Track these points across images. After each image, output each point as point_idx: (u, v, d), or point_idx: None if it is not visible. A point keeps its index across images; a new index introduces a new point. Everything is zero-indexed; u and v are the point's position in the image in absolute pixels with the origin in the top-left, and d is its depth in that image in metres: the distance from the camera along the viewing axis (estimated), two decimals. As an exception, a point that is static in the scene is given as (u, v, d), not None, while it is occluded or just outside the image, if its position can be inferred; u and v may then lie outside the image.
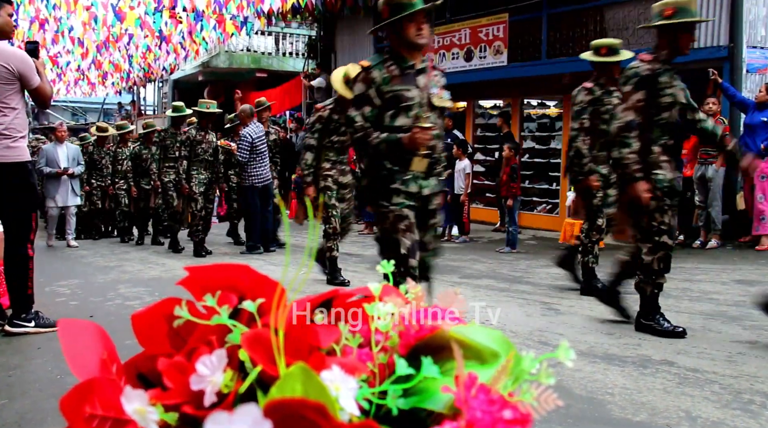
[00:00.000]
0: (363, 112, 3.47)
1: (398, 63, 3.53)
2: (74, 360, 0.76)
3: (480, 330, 0.74)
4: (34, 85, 4.20)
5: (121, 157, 10.89)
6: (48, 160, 9.76)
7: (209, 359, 0.68)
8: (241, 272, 0.79)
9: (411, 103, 3.47)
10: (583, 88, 5.61)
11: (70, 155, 9.96)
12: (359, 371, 0.69)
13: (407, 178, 3.49)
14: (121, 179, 10.89)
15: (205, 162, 8.80)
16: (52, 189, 9.78)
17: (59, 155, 9.80)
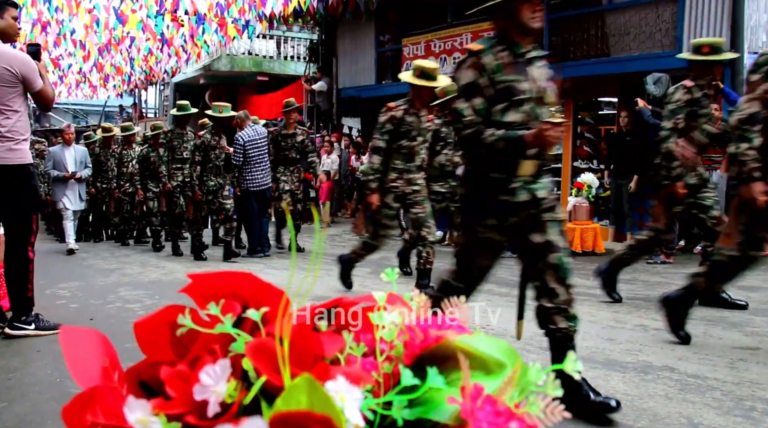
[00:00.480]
0: (473, 104, 2.97)
1: (510, 49, 3.03)
2: (76, 367, 0.75)
3: (486, 340, 0.74)
4: (37, 88, 4.21)
5: (126, 159, 10.68)
6: (55, 163, 9.54)
7: (213, 369, 0.68)
8: (245, 280, 0.79)
9: (523, 96, 2.99)
10: (683, 86, 5.34)
11: (78, 158, 9.69)
12: (364, 381, 0.68)
13: (515, 186, 3.02)
14: (126, 182, 10.70)
15: (216, 168, 8.52)
16: (59, 192, 9.56)
17: (66, 158, 9.56)
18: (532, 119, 2.98)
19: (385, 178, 5.71)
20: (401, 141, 5.68)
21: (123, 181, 10.73)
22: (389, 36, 14.78)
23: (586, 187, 9.23)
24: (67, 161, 9.54)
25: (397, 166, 5.75)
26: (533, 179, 3.06)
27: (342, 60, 15.58)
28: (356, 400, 0.64)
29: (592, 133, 11.50)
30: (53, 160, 9.57)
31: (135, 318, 3.64)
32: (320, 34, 16.81)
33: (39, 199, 4.44)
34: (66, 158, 9.54)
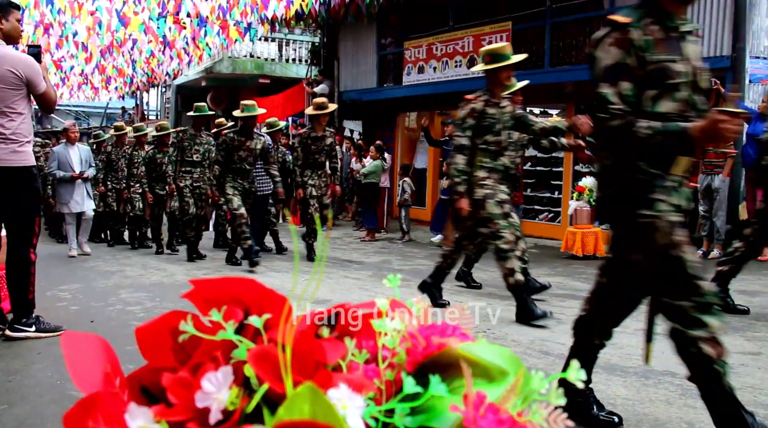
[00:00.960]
0: (620, 89, 2.46)
1: (661, 22, 2.54)
2: (77, 373, 0.75)
3: (488, 348, 0.74)
4: (41, 90, 4.21)
5: (136, 160, 10.35)
6: (60, 163, 9.06)
7: (215, 376, 0.67)
8: (247, 285, 0.79)
9: (679, 80, 2.48)
10: None
11: (83, 157, 9.25)
12: (366, 388, 0.68)
13: (670, 185, 2.52)
14: (136, 183, 10.38)
15: (241, 170, 8.02)
16: (66, 194, 9.06)
17: (72, 157, 9.09)
18: (689, 108, 2.52)
19: (472, 180, 5.06)
20: (486, 136, 5.08)
21: (133, 181, 10.42)
22: (391, 39, 14.80)
23: (587, 190, 9.23)
24: (73, 161, 9.09)
25: (485, 164, 5.12)
26: (683, 182, 2.57)
27: (343, 63, 15.60)
28: (358, 408, 0.64)
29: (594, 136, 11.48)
30: (58, 160, 9.09)
31: (136, 321, 3.66)
32: (322, 36, 16.83)
33: (41, 200, 4.45)
34: (71, 158, 9.09)
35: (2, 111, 4.07)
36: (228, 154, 7.92)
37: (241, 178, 8.07)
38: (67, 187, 9.08)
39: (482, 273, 7.62)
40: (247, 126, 8.00)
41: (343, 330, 0.80)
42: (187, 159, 8.92)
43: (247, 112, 8.03)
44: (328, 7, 12.80)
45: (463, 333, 0.77)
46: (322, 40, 16.74)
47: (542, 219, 11.90)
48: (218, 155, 7.98)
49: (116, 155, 10.67)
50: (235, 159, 7.94)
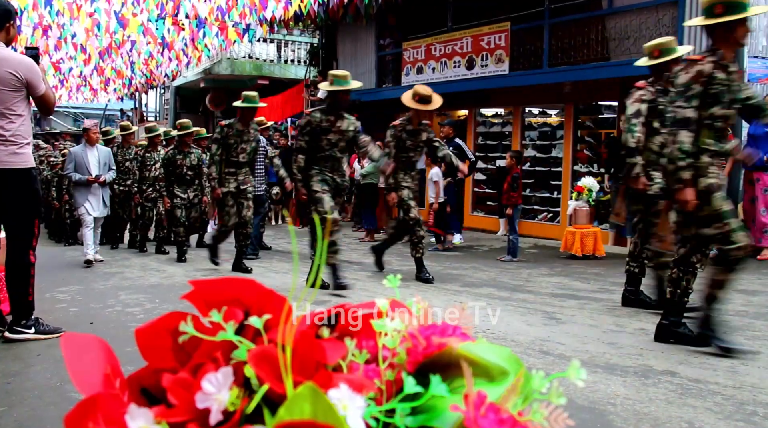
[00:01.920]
0: None
1: None
2: (78, 375, 0.75)
3: (489, 348, 0.74)
4: (40, 93, 4.22)
5: (149, 163, 9.86)
6: (77, 165, 8.52)
7: (215, 376, 0.67)
8: (247, 286, 0.79)
9: None
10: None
11: (102, 159, 8.67)
12: (367, 388, 0.68)
13: None
14: (149, 187, 9.93)
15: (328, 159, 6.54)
16: (81, 197, 8.52)
17: (89, 160, 8.54)
18: None
19: (698, 163, 4.02)
20: (713, 108, 4.02)
21: (145, 185, 9.95)
22: (390, 40, 14.80)
23: (586, 190, 9.23)
24: (90, 163, 8.56)
25: (709, 146, 4.06)
26: None
27: (342, 63, 15.60)
28: (359, 408, 0.64)
29: (593, 136, 11.51)
30: (74, 162, 8.54)
31: (135, 322, 3.65)
32: (321, 37, 16.84)
33: (41, 202, 4.44)
34: (89, 160, 8.55)
35: (2, 113, 4.07)
36: (314, 139, 6.40)
37: (331, 170, 6.51)
38: (83, 190, 8.56)
39: (481, 274, 7.62)
40: (337, 103, 6.46)
41: (343, 330, 0.80)
42: (232, 159, 7.66)
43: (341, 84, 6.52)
44: (327, 7, 12.79)
45: (464, 333, 0.77)
46: (321, 41, 16.75)
47: (541, 219, 11.91)
48: (302, 141, 6.43)
49: (122, 156, 10.21)
50: (323, 145, 6.41)
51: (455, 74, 12.56)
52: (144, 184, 9.99)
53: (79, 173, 8.50)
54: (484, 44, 12.07)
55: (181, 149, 9.19)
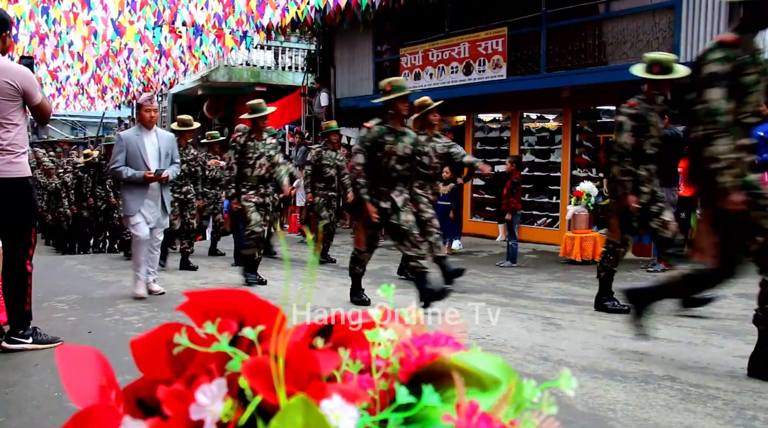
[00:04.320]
0: None
1: None
2: (73, 387, 0.75)
3: (481, 357, 0.74)
4: (37, 102, 4.22)
5: None
6: (129, 156, 6.11)
7: (209, 388, 0.67)
8: (241, 297, 0.79)
9: None
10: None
11: (163, 148, 6.26)
12: (360, 399, 0.68)
13: None
14: None
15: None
16: (134, 202, 6.17)
17: (146, 149, 6.15)
18: None
19: None
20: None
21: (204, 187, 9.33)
22: (387, 46, 14.83)
23: (585, 195, 9.24)
24: (148, 154, 6.15)
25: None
26: None
27: (340, 70, 15.63)
28: (352, 419, 0.64)
29: (591, 141, 11.53)
30: (126, 151, 6.12)
31: (133, 331, 3.65)
32: (318, 44, 16.87)
33: (38, 212, 4.43)
34: (145, 149, 6.15)
35: (-1, 122, 4.08)
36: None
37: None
38: (136, 192, 6.16)
39: (481, 280, 7.62)
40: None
41: (337, 340, 0.80)
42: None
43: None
44: (324, 14, 12.83)
45: (456, 342, 0.77)
46: (318, 48, 16.78)
47: (540, 224, 11.92)
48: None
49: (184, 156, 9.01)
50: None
51: (453, 80, 12.59)
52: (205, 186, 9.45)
53: (132, 167, 6.12)
54: (481, 50, 12.10)
55: None
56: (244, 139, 7.16)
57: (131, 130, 6.48)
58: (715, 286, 4.06)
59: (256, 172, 7.21)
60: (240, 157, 7.14)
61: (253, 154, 7.15)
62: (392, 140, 5.75)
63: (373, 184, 5.81)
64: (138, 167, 6.11)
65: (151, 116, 6.20)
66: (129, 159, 6.11)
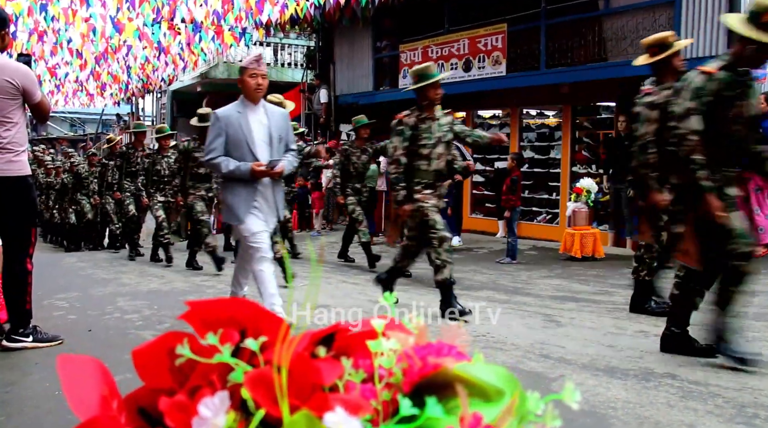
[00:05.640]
0: None
1: None
2: (74, 398, 0.74)
3: (485, 368, 0.73)
4: (36, 100, 4.21)
5: None
6: (230, 142, 4.43)
7: (211, 401, 0.67)
8: (244, 307, 0.78)
9: None
10: None
11: (275, 129, 4.56)
12: (363, 410, 0.67)
13: None
14: None
15: None
16: (242, 205, 4.47)
17: (252, 130, 4.46)
18: None
19: None
20: None
21: None
22: (386, 42, 14.81)
23: (585, 192, 9.24)
24: (255, 137, 4.46)
25: None
26: None
27: (339, 67, 15.60)
28: (355, 431, 0.64)
29: (591, 137, 11.52)
30: (225, 136, 4.44)
31: (134, 329, 3.64)
32: (317, 40, 16.84)
33: (38, 210, 4.42)
34: (252, 131, 4.46)
35: (-1, 120, 4.07)
36: None
37: None
38: (241, 192, 4.49)
39: (481, 276, 7.62)
40: None
41: (339, 348, 0.80)
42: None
43: None
44: (323, 10, 12.80)
45: (460, 352, 0.76)
46: (318, 44, 16.76)
47: (540, 220, 11.91)
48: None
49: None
50: None
51: (452, 76, 12.56)
52: None
53: (235, 157, 4.42)
54: (480, 46, 12.08)
55: None
56: (414, 119, 5.37)
57: (231, 106, 4.64)
58: None
59: (433, 165, 5.40)
60: (411, 145, 5.36)
61: (427, 141, 5.37)
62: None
63: None
64: (242, 157, 4.40)
65: (259, 84, 4.54)
66: (230, 146, 4.43)
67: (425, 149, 5.32)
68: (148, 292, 6.61)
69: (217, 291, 6.69)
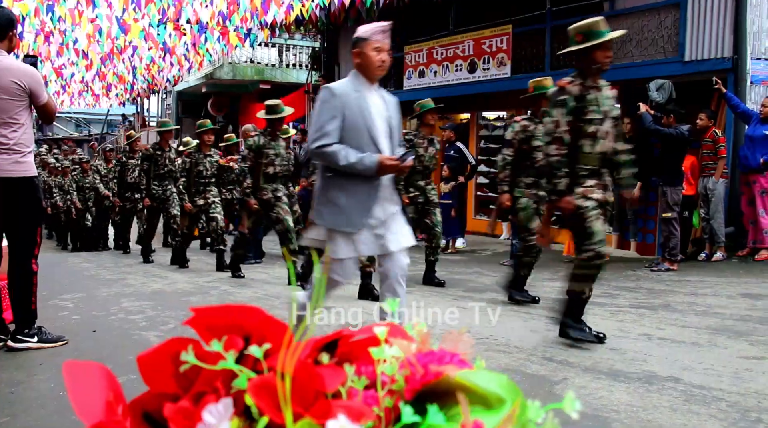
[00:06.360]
0: None
1: None
2: (80, 402, 0.75)
3: (486, 375, 0.74)
4: (43, 101, 4.23)
5: None
6: (348, 126, 3.47)
7: (216, 408, 0.68)
8: (249, 313, 0.79)
9: None
10: None
11: (394, 117, 3.67)
12: (366, 417, 0.68)
13: None
14: None
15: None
16: (355, 209, 3.49)
17: (372, 115, 3.55)
18: None
19: None
20: None
21: None
22: (391, 43, 14.79)
23: (588, 193, 9.20)
24: (376, 124, 3.55)
25: None
26: None
27: (344, 67, 15.61)
28: (358, 438, 0.64)
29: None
30: (342, 118, 3.48)
31: (138, 330, 3.65)
32: (322, 41, 16.86)
33: (43, 211, 4.44)
34: (372, 116, 3.55)
35: (5, 121, 4.09)
36: None
37: None
38: (357, 191, 3.51)
39: (484, 279, 7.62)
40: None
41: (342, 355, 0.81)
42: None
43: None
44: (328, 11, 12.82)
45: (462, 359, 0.77)
46: (323, 45, 16.77)
47: (544, 222, 11.89)
48: None
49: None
50: None
51: (457, 78, 12.57)
52: None
53: (353, 147, 3.46)
54: (485, 47, 12.07)
55: None
56: (578, 87, 4.39)
57: (345, 82, 3.70)
58: None
59: (598, 146, 4.37)
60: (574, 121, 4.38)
61: (594, 115, 4.38)
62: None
63: None
64: (361, 147, 3.48)
65: (383, 61, 3.68)
66: (345, 133, 3.49)
67: (591, 126, 4.26)
68: (152, 293, 6.62)
69: (221, 292, 6.71)
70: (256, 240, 9.31)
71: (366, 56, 3.69)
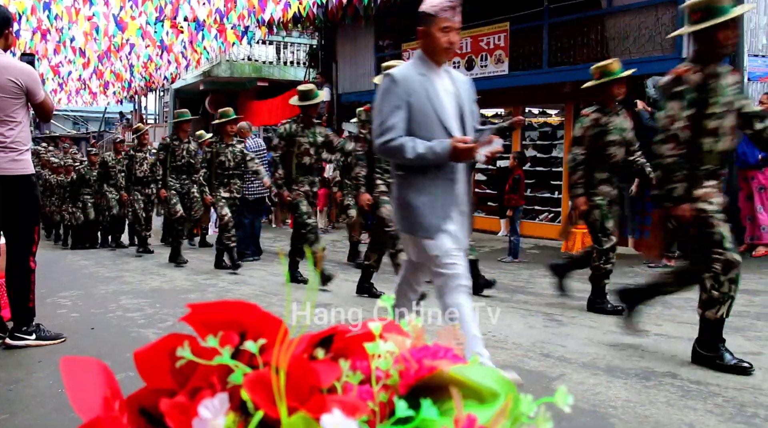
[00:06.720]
0: None
1: None
2: (77, 399, 0.76)
3: (480, 370, 0.74)
4: (39, 99, 4.23)
5: None
6: (415, 115, 3.12)
7: (211, 402, 0.68)
8: (245, 309, 0.79)
9: None
10: None
11: (466, 100, 3.30)
12: (360, 411, 0.69)
13: None
14: None
15: None
16: (431, 209, 3.15)
17: (441, 99, 3.19)
18: None
19: None
20: None
21: None
22: (389, 41, 14.80)
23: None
24: (446, 108, 3.19)
25: None
26: None
27: (342, 65, 15.61)
28: (352, 432, 0.65)
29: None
30: (407, 108, 3.13)
31: (136, 328, 3.65)
32: (320, 39, 16.85)
33: (41, 209, 4.45)
34: (441, 100, 3.19)
35: (2, 120, 4.09)
36: None
37: None
38: (436, 189, 3.18)
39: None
40: None
41: (338, 350, 0.81)
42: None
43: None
44: (326, 9, 12.81)
45: (455, 355, 0.77)
46: (320, 43, 16.77)
47: (542, 219, 11.91)
48: None
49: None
50: None
51: (455, 75, 12.57)
52: None
53: (421, 137, 3.12)
54: (483, 44, 12.07)
55: None
56: (698, 76, 3.87)
57: (408, 66, 3.36)
58: None
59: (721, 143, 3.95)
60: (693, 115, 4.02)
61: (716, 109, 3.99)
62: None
63: None
64: (431, 135, 3.14)
65: (451, 42, 3.27)
66: (413, 123, 3.16)
67: (713, 121, 3.70)
68: (150, 290, 6.63)
69: (219, 289, 6.72)
70: (254, 236, 9.31)
71: (432, 37, 3.26)
